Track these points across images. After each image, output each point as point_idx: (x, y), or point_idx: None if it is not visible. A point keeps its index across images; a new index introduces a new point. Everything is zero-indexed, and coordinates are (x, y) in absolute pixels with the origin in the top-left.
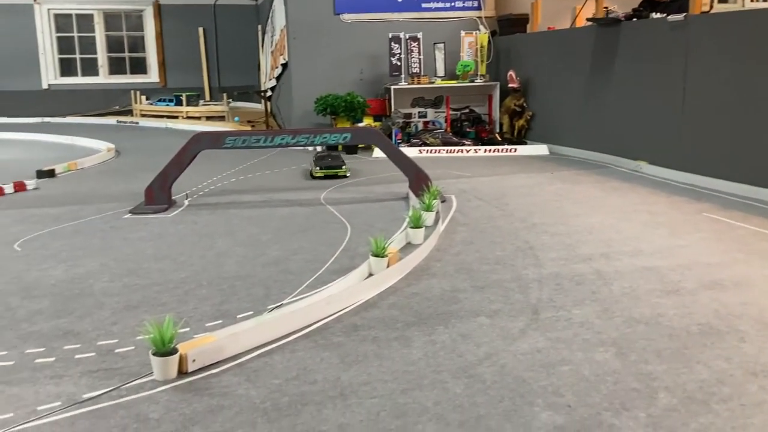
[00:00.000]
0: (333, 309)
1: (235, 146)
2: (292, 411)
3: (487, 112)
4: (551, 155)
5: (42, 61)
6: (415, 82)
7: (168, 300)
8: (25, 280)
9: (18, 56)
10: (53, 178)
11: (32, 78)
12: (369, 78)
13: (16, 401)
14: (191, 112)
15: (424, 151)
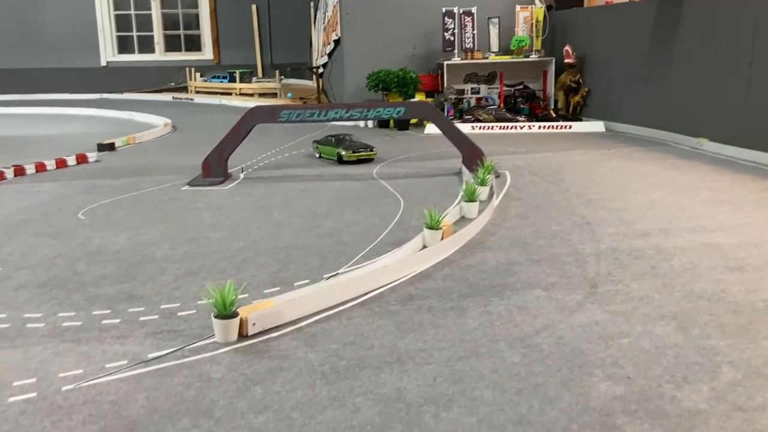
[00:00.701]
0: (388, 279)
1: (290, 120)
2: (350, 374)
3: (541, 88)
4: (607, 132)
5: (101, 38)
6: (468, 58)
7: (227, 267)
8: (89, 246)
9: (78, 34)
10: (113, 152)
11: (91, 55)
12: (421, 53)
13: (85, 359)
14: (244, 89)
15: (476, 128)
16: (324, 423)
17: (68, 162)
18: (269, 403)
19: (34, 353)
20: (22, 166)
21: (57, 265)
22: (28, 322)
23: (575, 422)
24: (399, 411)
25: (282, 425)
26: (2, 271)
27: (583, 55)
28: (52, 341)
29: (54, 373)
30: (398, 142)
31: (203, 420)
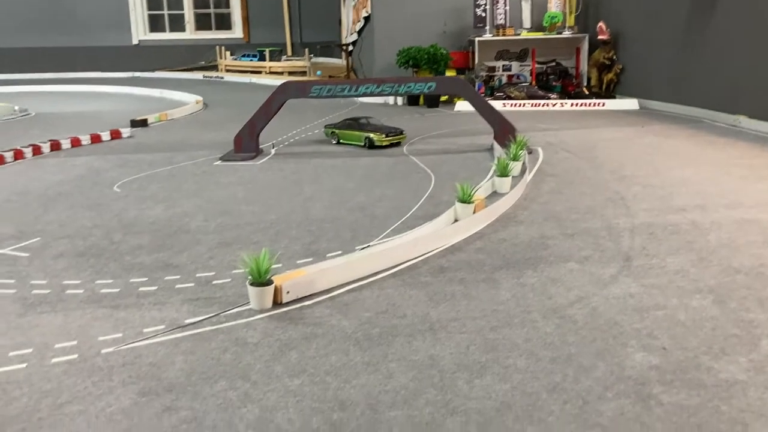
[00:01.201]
0: (419, 251)
1: (321, 95)
2: (384, 341)
3: (574, 65)
4: (641, 110)
5: (132, 17)
6: (500, 34)
7: (260, 239)
8: (125, 218)
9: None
10: (146, 128)
11: (123, 34)
12: (453, 30)
13: (123, 323)
14: (274, 68)
15: (507, 105)
16: (359, 387)
17: (103, 137)
18: (304, 367)
19: (74, 318)
20: (58, 141)
21: (94, 235)
22: (67, 288)
23: (610, 390)
24: (432, 377)
25: (317, 388)
26: (41, 241)
27: (618, 31)
28: (90, 307)
29: (94, 337)
30: (428, 119)
31: (240, 382)
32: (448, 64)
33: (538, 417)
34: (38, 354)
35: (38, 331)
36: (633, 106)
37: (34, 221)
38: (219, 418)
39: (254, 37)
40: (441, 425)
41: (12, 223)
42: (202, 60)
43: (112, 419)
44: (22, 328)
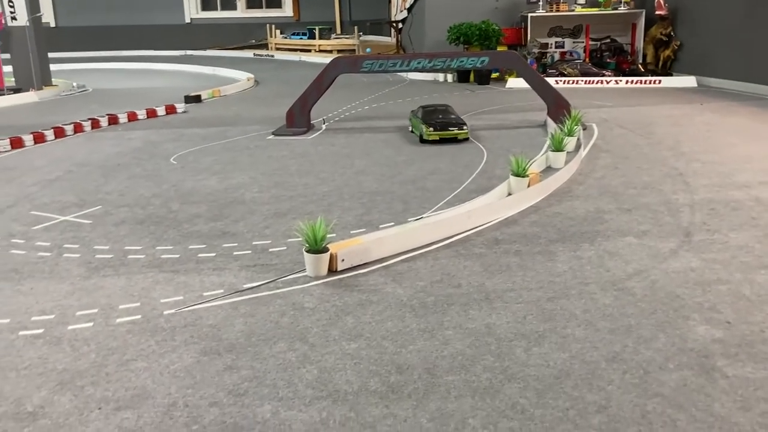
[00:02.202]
0: (473, 223)
1: (372, 70)
2: (439, 309)
3: (629, 41)
4: (699, 87)
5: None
6: (553, 10)
7: (314, 210)
8: (182, 188)
9: None
10: (199, 103)
11: (176, 12)
12: (505, 6)
13: (183, 287)
14: (323, 46)
15: (560, 82)
16: (415, 352)
17: (158, 112)
18: (361, 332)
19: (137, 281)
20: (116, 115)
21: (153, 204)
22: (129, 253)
23: (672, 362)
24: (489, 344)
25: (374, 352)
26: (103, 209)
27: (676, 6)
28: (152, 271)
29: (156, 299)
30: (479, 95)
31: (298, 344)
32: (499, 40)
33: (598, 385)
34: (103, 314)
35: (103, 293)
36: (691, 84)
37: (95, 190)
38: (279, 377)
39: (304, 15)
40: (499, 390)
41: (74, 192)
42: (253, 38)
43: (176, 376)
44: (88, 289)
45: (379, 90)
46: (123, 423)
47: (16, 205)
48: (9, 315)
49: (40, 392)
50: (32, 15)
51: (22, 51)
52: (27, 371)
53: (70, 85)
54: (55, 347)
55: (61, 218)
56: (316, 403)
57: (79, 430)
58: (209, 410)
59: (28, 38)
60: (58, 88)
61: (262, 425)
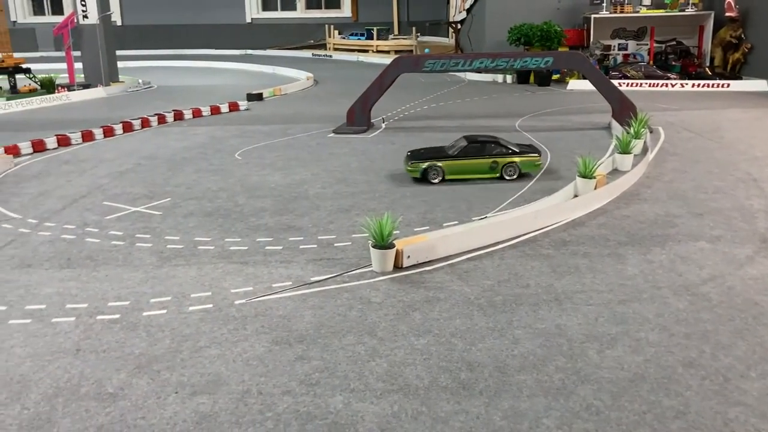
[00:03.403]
0: (540, 224)
1: (434, 70)
2: (507, 308)
3: (696, 44)
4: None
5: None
6: (617, 11)
7: (377, 206)
8: (247, 182)
9: None
10: (261, 101)
11: (237, 12)
12: (567, 6)
13: (253, 278)
14: (381, 46)
15: (623, 84)
16: (485, 350)
17: (222, 109)
18: (429, 328)
19: (207, 271)
20: (181, 111)
21: (220, 198)
22: (199, 244)
23: (753, 370)
24: (561, 345)
25: (443, 348)
26: (171, 201)
27: (747, 8)
28: (221, 262)
29: (226, 289)
30: (539, 97)
31: (367, 338)
32: (561, 41)
33: (675, 390)
34: (176, 302)
35: (175, 282)
36: (762, 88)
37: (163, 183)
38: (349, 369)
39: (362, 15)
40: (572, 391)
41: (144, 185)
42: (311, 38)
43: (249, 364)
44: (160, 278)
45: (437, 90)
46: (199, 407)
47: (89, 195)
48: (87, 300)
49: (119, 375)
50: (102, 14)
51: (92, 48)
52: (105, 354)
53: (136, 82)
54: (131, 332)
55: (132, 209)
56: (388, 396)
57: (157, 412)
58: (282, 399)
59: (98, 36)
60: (125, 84)
61: (335, 415)
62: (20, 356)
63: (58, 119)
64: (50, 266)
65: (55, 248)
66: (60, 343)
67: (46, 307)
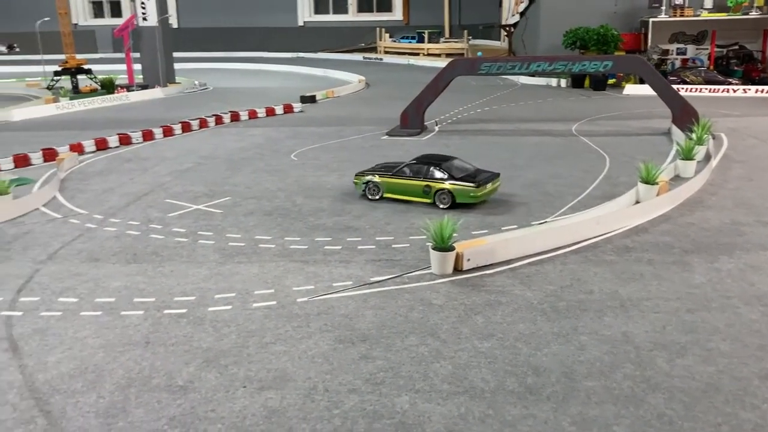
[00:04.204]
0: (602, 230)
1: (490, 72)
2: (572, 314)
3: (760, 48)
4: None
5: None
6: (677, 15)
7: (433, 209)
8: (304, 183)
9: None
10: (314, 103)
11: (290, 15)
12: (624, 10)
13: (313, 277)
14: (432, 49)
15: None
16: (551, 355)
17: (276, 111)
18: (492, 332)
19: (269, 269)
20: (238, 113)
21: (278, 197)
22: (260, 243)
23: None
24: (628, 353)
25: (508, 353)
26: (231, 200)
27: None
28: (282, 260)
29: (288, 287)
30: (595, 101)
31: (430, 339)
32: (618, 45)
33: (751, 403)
34: (240, 298)
35: (238, 278)
36: None
37: (222, 182)
38: (414, 369)
39: (414, 18)
40: (642, 400)
41: (204, 183)
42: (362, 42)
43: (314, 361)
44: (224, 274)
45: (489, 93)
46: (267, 402)
47: (151, 193)
48: (154, 294)
49: (188, 368)
50: (161, 16)
51: (150, 50)
52: (174, 347)
53: (192, 83)
54: (198, 327)
55: (194, 207)
56: (454, 398)
57: (226, 406)
58: (348, 396)
59: (157, 38)
60: (182, 85)
61: (402, 415)
62: (93, 347)
63: (118, 118)
64: (117, 261)
65: (121, 243)
66: (130, 336)
67: (115, 300)
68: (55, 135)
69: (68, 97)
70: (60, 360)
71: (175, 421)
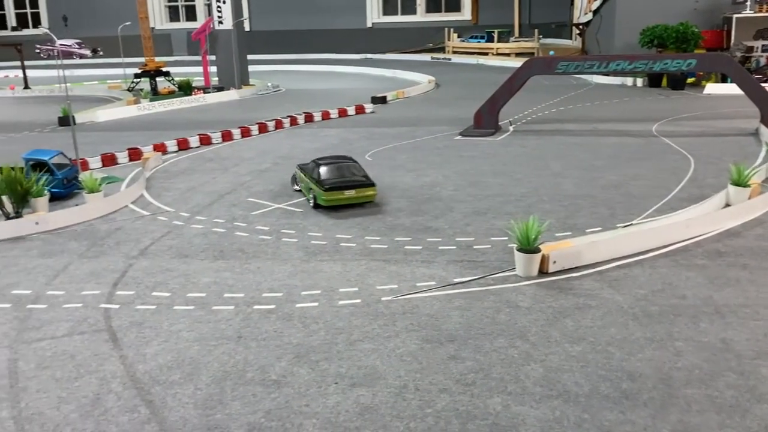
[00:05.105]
0: (692, 233)
1: (567, 72)
2: (665, 319)
3: None
4: None
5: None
6: (763, 11)
7: (513, 210)
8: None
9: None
10: (385, 104)
11: (358, 17)
12: (705, 6)
13: (396, 276)
14: (501, 49)
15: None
16: (645, 361)
17: (348, 111)
18: (583, 336)
19: (351, 267)
20: (311, 114)
21: None
22: (341, 241)
23: None
24: (728, 361)
25: (600, 357)
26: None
27: None
28: (364, 259)
29: (372, 286)
30: (674, 100)
31: (519, 342)
32: (698, 43)
33: None
34: (326, 295)
35: (322, 276)
36: None
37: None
38: (504, 371)
39: (482, 18)
40: (748, 410)
41: (282, 183)
42: (430, 42)
43: (403, 360)
44: (308, 272)
45: (563, 93)
46: (360, 399)
47: (233, 191)
48: (243, 290)
49: (280, 362)
50: (236, 19)
51: (225, 52)
52: (266, 342)
53: (265, 85)
54: (287, 322)
55: (275, 206)
56: (547, 402)
57: (319, 401)
58: (440, 396)
59: (232, 41)
60: (255, 87)
61: (495, 417)
62: (188, 340)
63: (197, 119)
64: (205, 257)
65: (208, 240)
66: (222, 330)
67: (206, 296)
68: (137, 135)
69: (148, 99)
70: (157, 352)
71: (271, 415)
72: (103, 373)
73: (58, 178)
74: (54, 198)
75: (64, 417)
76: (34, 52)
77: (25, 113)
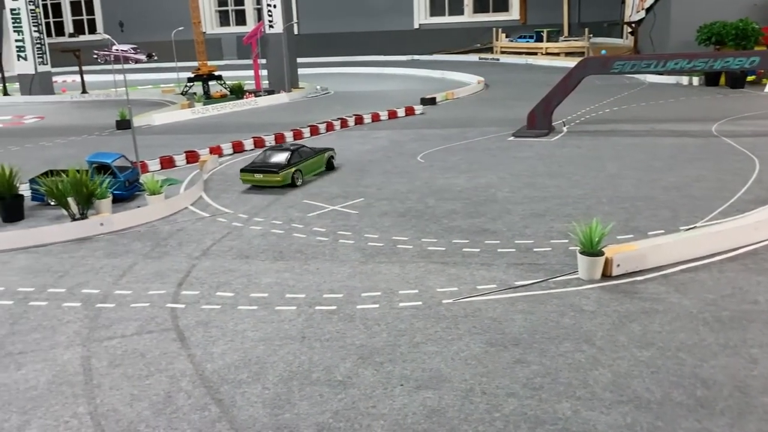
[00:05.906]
0: (761, 236)
1: (623, 71)
2: (737, 325)
3: None
4: None
5: (415, 2)
6: None
7: (572, 212)
8: (434, 185)
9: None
10: (434, 105)
11: (405, 18)
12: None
13: (456, 279)
14: (550, 48)
15: None
16: (719, 368)
17: (398, 113)
18: (651, 341)
19: (410, 269)
20: (361, 116)
21: (410, 199)
22: (397, 243)
23: None
24: None
25: (671, 363)
26: (365, 201)
27: None
28: (422, 261)
29: (432, 288)
30: (734, 99)
31: (585, 346)
32: (758, 40)
33: None
34: (386, 297)
35: (381, 278)
36: None
37: (354, 183)
38: (572, 376)
39: (531, 18)
40: None
41: (337, 185)
42: (477, 42)
43: (468, 363)
44: (367, 273)
45: (616, 93)
46: (426, 401)
47: (289, 193)
48: (303, 291)
49: (345, 363)
50: (287, 23)
51: (276, 56)
52: (329, 343)
53: (314, 88)
54: (349, 323)
55: (330, 207)
56: (618, 407)
57: (386, 403)
58: (507, 400)
59: (283, 44)
60: (305, 90)
61: (564, 422)
62: (253, 340)
63: (249, 122)
64: (265, 258)
65: (267, 241)
66: (286, 330)
67: (268, 296)
68: (193, 138)
69: (202, 102)
70: (224, 351)
71: (339, 416)
72: (173, 372)
73: (121, 181)
74: (116, 200)
75: (138, 414)
76: (92, 57)
77: (84, 117)
